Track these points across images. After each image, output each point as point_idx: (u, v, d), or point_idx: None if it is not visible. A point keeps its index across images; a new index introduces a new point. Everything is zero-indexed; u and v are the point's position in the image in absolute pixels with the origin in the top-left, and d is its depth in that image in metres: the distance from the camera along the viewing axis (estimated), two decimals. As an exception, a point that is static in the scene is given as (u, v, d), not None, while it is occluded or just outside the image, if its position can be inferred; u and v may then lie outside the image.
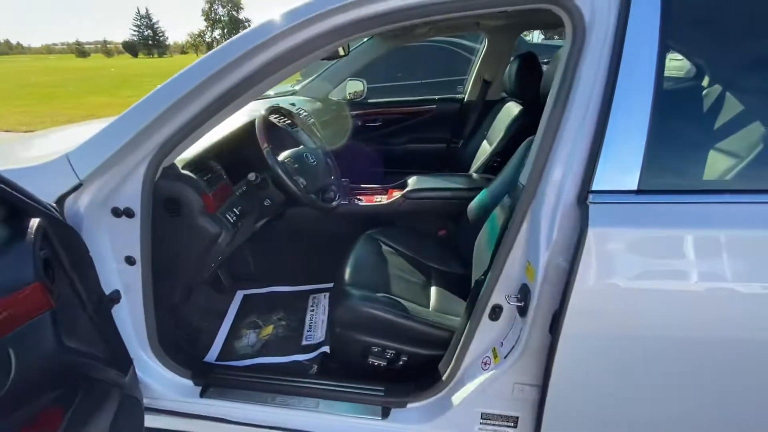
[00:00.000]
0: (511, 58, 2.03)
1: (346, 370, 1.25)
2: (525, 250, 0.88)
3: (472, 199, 1.62)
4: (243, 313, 1.66)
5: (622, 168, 0.74)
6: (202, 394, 1.20)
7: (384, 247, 1.58)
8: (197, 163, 1.16)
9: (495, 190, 1.49)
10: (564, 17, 0.80)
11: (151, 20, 75.09)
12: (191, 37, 67.36)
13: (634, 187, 0.74)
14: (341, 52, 1.82)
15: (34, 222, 0.73)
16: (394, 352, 1.20)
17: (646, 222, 0.75)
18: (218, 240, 1.12)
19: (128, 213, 1.03)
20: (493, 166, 1.94)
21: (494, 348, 1.00)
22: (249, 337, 1.52)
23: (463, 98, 2.61)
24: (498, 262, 0.92)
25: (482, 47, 2.50)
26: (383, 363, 1.21)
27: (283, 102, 2.05)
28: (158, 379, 1.19)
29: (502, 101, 2.20)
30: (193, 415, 1.19)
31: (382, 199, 1.85)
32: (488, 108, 2.34)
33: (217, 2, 64.09)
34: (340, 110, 2.61)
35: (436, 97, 2.72)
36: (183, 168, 1.10)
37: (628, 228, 0.75)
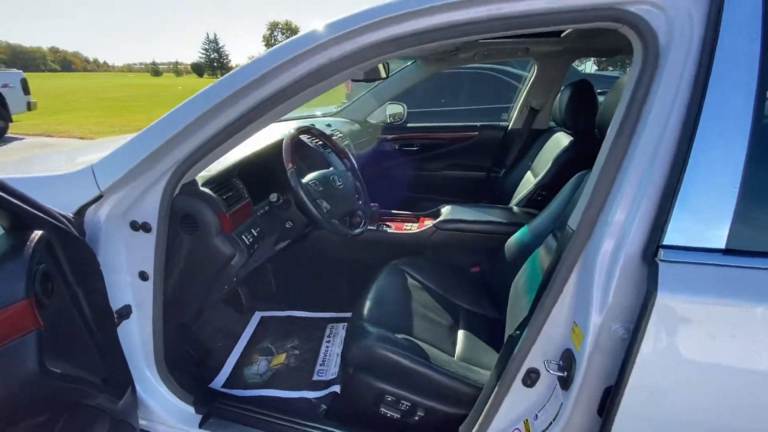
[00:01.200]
0: (563, 87, 1.89)
1: (356, 417, 1.13)
2: (571, 309, 0.73)
3: (510, 234, 1.47)
4: (258, 335, 1.60)
5: (705, 219, 0.59)
6: (201, 424, 1.12)
7: (410, 279, 1.46)
8: (219, 181, 1.12)
9: (538, 227, 1.34)
10: (632, 38, 0.67)
11: (217, 44, 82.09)
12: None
13: (721, 246, 0.58)
14: (383, 74, 1.78)
15: (36, 235, 0.70)
16: (409, 404, 1.06)
17: (736, 291, 0.58)
18: (231, 261, 1.06)
19: (145, 227, 1.00)
20: (537, 199, 1.77)
21: (526, 420, 0.83)
22: (260, 365, 1.43)
23: (508, 126, 2.48)
24: (538, 318, 0.77)
25: (531, 74, 2.38)
26: (397, 415, 1.07)
27: (319, 123, 2.04)
28: (160, 401, 1.13)
29: (550, 131, 2.05)
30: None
31: (413, 228, 1.74)
32: (534, 137, 2.19)
33: (276, 30, 68.97)
34: (376, 133, 2.57)
35: (478, 123, 2.60)
36: (203, 185, 1.06)
37: (711, 297, 0.58)
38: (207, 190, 1.04)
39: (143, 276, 1.05)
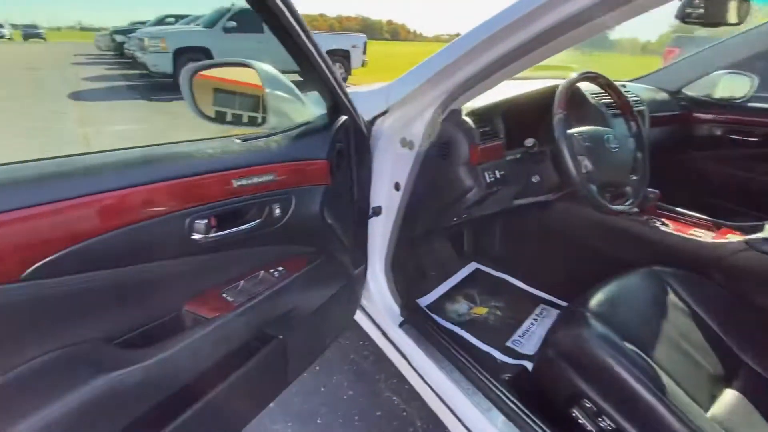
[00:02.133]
0: None
1: (539, 402, 1.00)
2: None
3: None
4: (467, 282, 1.63)
5: None
6: (401, 325, 1.28)
7: (672, 296, 1.09)
8: (481, 115, 1.13)
9: None
10: None
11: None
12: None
13: None
14: (733, 20, 1.26)
15: (341, 119, 0.92)
16: (613, 426, 0.84)
17: None
18: (468, 194, 1.09)
19: (410, 145, 1.14)
20: None
21: None
22: (461, 306, 1.48)
23: None
24: None
25: None
26: (589, 426, 0.88)
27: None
28: (378, 289, 1.36)
29: None
30: (385, 335, 1.30)
31: (704, 235, 1.27)
32: None
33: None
34: (692, 109, 1.94)
35: None
36: (466, 115, 1.09)
37: None
38: (468, 120, 1.07)
39: (397, 186, 1.23)
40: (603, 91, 1.33)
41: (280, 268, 0.89)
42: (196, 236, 0.68)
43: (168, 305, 0.71)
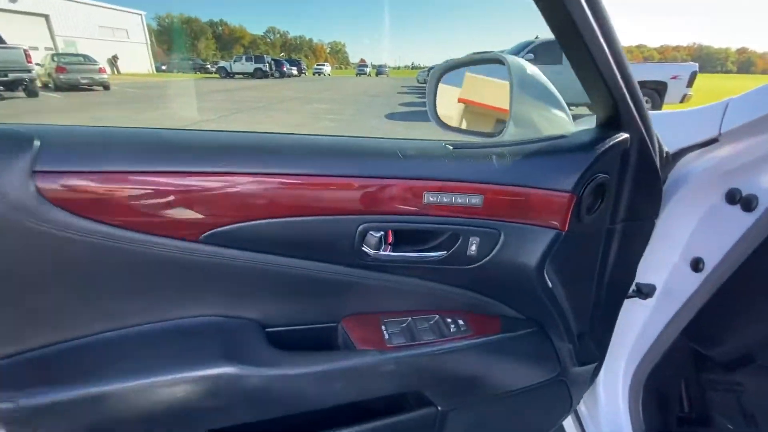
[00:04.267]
0: None
1: None
2: None
3: None
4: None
5: None
6: None
7: None
8: None
9: None
10: None
11: None
12: None
13: None
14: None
15: (619, 137, 0.59)
16: None
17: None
18: None
19: (747, 204, 0.66)
20: None
21: None
22: None
23: None
24: None
25: None
26: None
27: None
28: (609, 411, 0.90)
29: None
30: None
31: None
32: None
33: None
34: None
35: None
36: None
37: None
38: None
39: (696, 264, 0.75)
40: None
41: (461, 322, 0.67)
42: (366, 249, 0.58)
43: (324, 312, 0.64)
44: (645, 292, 0.83)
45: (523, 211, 0.59)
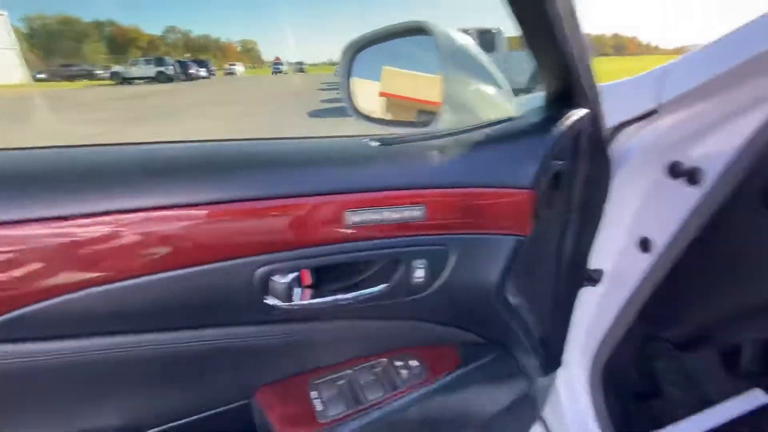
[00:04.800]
0: None
1: None
2: None
3: None
4: (745, 421, 0.90)
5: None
6: None
7: None
8: None
9: None
10: None
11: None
12: None
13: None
14: None
15: (576, 114, 0.50)
16: None
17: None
18: None
19: (692, 177, 0.62)
20: None
21: None
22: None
23: None
24: None
25: None
26: None
27: None
28: (574, 411, 0.85)
29: None
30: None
31: None
32: None
33: None
34: None
35: None
36: None
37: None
38: None
39: (644, 244, 0.71)
40: None
41: (414, 363, 0.54)
42: (272, 301, 0.42)
43: (225, 389, 0.46)
44: (595, 278, 0.78)
45: (477, 219, 0.47)
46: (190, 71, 25.55)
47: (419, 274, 0.46)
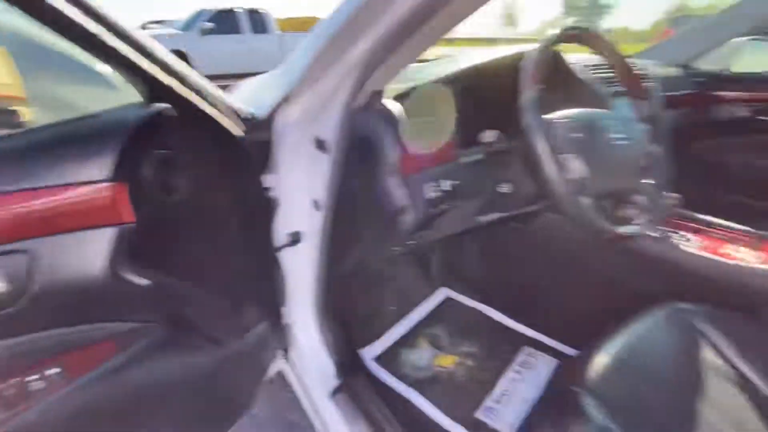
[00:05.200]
0: None
1: None
2: None
3: None
4: (435, 316, 1.29)
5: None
6: (333, 394, 0.93)
7: (708, 350, 0.74)
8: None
9: None
10: None
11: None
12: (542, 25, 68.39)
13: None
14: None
15: (159, 108, 0.57)
16: None
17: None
18: (402, 215, 0.74)
19: (322, 146, 0.80)
20: None
21: None
22: (422, 354, 1.13)
23: None
24: None
25: None
26: None
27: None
28: (308, 345, 1.02)
29: None
30: (315, 409, 0.95)
31: (744, 254, 0.92)
32: None
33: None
34: (705, 87, 1.58)
35: None
36: (394, 98, 0.75)
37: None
38: (392, 106, 0.73)
39: (316, 205, 0.88)
40: (598, 61, 0.98)
41: (55, 370, 0.54)
42: None
43: None
44: (295, 239, 0.93)
45: (62, 218, 0.48)
46: None
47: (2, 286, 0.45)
